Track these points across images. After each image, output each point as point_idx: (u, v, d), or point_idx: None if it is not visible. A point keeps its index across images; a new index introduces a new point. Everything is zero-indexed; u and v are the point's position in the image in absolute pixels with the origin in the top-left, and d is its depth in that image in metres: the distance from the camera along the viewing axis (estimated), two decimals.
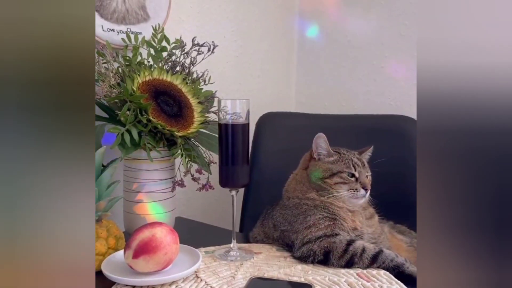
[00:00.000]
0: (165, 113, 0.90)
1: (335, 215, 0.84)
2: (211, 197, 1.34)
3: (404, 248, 0.92)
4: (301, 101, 1.58)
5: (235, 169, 0.83)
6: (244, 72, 1.42)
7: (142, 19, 1.06)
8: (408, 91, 1.33)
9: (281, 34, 1.52)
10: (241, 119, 0.82)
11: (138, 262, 0.69)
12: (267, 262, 0.81)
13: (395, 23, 1.34)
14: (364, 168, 0.90)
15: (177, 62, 0.99)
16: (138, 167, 0.93)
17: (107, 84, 0.85)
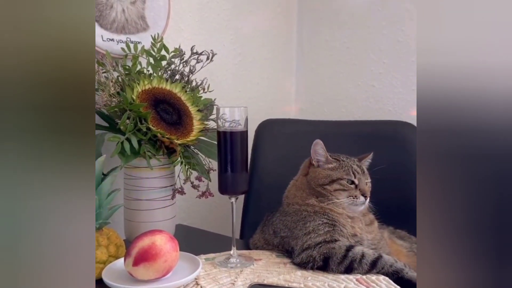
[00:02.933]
0: (165, 121, 0.91)
1: (334, 221, 0.85)
2: (211, 204, 1.34)
3: (404, 253, 0.93)
4: (301, 107, 1.59)
5: (234, 176, 0.84)
6: (243, 80, 1.43)
7: (142, 28, 1.07)
8: (407, 97, 1.34)
9: (280, 41, 1.53)
10: (239, 126, 0.83)
11: (138, 269, 0.70)
12: (267, 268, 0.81)
13: (392, 29, 1.35)
14: (364, 175, 0.90)
15: (176, 71, 1.00)
16: (138, 175, 0.93)
17: (107, 93, 0.86)
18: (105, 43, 1.00)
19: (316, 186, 0.89)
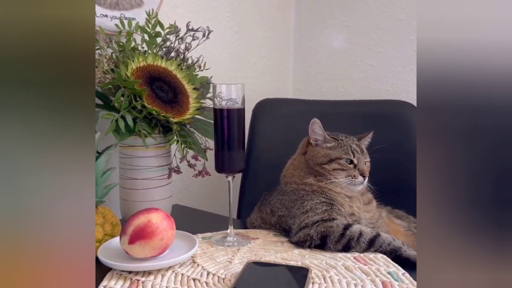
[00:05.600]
0: (160, 99, 0.89)
1: (332, 200, 0.84)
2: (209, 184, 1.33)
3: (402, 232, 0.92)
4: (298, 87, 1.57)
5: (230, 155, 0.83)
6: (240, 59, 1.40)
7: (136, 4, 1.04)
8: (406, 77, 1.32)
9: (277, 20, 1.50)
10: (236, 104, 0.81)
11: (134, 247, 0.69)
12: (264, 247, 0.81)
13: (392, 7, 1.32)
14: (363, 154, 0.89)
15: (171, 48, 0.97)
16: (134, 154, 0.92)
17: (100, 70, 0.84)
18: (98, 19, 0.97)
19: (315, 165, 0.88)
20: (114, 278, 0.68)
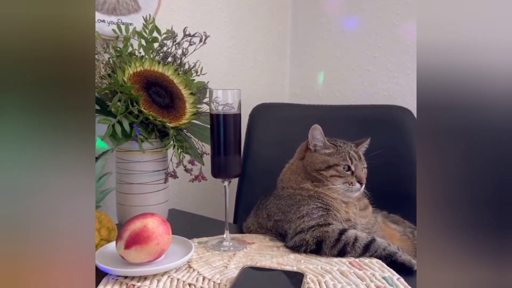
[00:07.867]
0: (157, 104, 0.89)
1: (328, 206, 0.84)
2: (205, 189, 1.33)
3: (397, 237, 0.93)
4: (295, 92, 1.57)
5: (227, 160, 0.83)
6: (237, 63, 1.41)
7: (133, 9, 1.05)
8: (402, 81, 1.33)
9: (274, 24, 1.51)
10: (232, 109, 0.82)
11: (130, 252, 0.69)
12: (260, 252, 0.81)
13: (388, 12, 1.33)
14: (360, 161, 0.90)
15: (168, 53, 0.98)
16: (131, 158, 0.92)
17: (97, 74, 0.84)
18: (96, 24, 0.98)
19: (312, 171, 0.88)
20: (110, 283, 0.68)
